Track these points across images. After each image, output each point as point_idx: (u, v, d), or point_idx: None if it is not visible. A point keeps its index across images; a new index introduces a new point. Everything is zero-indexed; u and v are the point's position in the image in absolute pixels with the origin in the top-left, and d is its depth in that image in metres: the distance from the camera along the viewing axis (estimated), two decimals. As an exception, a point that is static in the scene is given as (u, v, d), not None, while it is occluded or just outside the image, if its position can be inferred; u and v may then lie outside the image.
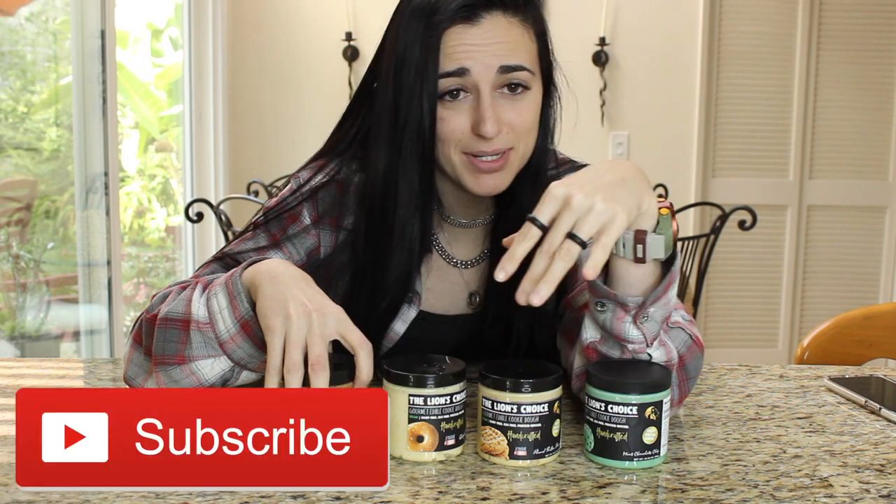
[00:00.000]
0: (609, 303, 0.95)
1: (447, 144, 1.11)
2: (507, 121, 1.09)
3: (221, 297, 0.97)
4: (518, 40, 1.09)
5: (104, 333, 3.24)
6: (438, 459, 0.91)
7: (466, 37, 1.07)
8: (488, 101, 1.07)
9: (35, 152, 3.22)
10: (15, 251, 3.17)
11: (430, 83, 1.07)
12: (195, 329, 0.97)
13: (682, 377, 1.00)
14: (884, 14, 4.13)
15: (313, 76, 4.24)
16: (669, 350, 0.97)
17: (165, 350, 0.99)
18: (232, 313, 0.96)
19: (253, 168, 4.18)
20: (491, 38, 1.07)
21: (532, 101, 1.11)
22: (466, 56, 1.07)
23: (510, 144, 1.11)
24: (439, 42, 1.07)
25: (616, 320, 0.95)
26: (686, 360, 0.99)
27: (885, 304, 1.78)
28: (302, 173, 1.22)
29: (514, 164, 1.12)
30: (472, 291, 1.23)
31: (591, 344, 0.99)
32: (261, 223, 1.18)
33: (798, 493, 0.84)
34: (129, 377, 1.06)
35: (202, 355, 0.97)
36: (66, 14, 3.25)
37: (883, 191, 4.23)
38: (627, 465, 0.89)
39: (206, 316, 0.97)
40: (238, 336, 0.96)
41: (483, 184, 1.12)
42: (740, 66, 4.15)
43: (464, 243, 1.23)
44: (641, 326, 0.95)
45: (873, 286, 4.28)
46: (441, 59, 1.07)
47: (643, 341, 0.95)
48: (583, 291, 1.10)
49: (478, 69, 1.07)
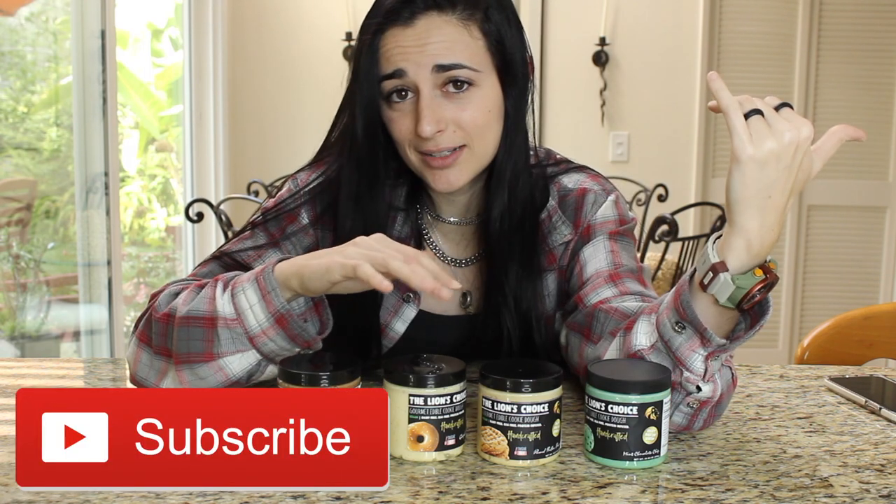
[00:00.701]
0: (690, 329, 0.93)
1: (402, 145, 1.13)
2: (450, 119, 1.09)
3: (251, 293, 0.98)
4: (455, 38, 1.09)
5: (104, 333, 3.24)
6: (438, 459, 0.91)
7: (401, 38, 1.08)
8: (426, 101, 1.08)
9: (35, 152, 3.22)
10: (15, 251, 3.17)
11: (371, 86, 1.10)
12: (223, 326, 0.98)
13: (711, 414, 0.99)
14: (884, 14, 4.13)
15: (313, 76, 4.24)
16: (716, 387, 0.96)
17: (191, 348, 1.00)
18: (265, 308, 0.97)
19: (253, 168, 4.18)
20: (424, 38, 1.08)
21: (481, 97, 1.10)
22: (402, 58, 1.08)
23: (460, 142, 1.11)
24: (378, 45, 1.09)
25: (687, 348, 0.94)
26: (723, 399, 0.99)
27: (885, 304, 1.78)
28: (300, 174, 1.23)
29: (470, 161, 1.12)
30: (464, 292, 1.23)
31: (640, 351, 0.97)
32: (259, 223, 1.19)
33: (798, 493, 0.84)
34: (140, 378, 1.07)
35: (230, 351, 0.99)
36: (66, 14, 3.25)
37: (883, 191, 4.23)
38: (627, 465, 0.89)
39: (232, 312, 0.98)
40: (271, 329, 0.97)
41: (438, 181, 1.12)
42: (740, 66, 4.15)
43: (456, 242, 1.24)
44: (708, 363, 0.94)
45: (873, 286, 4.28)
46: (381, 62, 1.09)
47: (701, 375, 0.95)
48: (595, 289, 1.10)
49: (413, 70, 1.08)
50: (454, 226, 1.23)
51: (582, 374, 1.09)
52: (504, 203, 1.15)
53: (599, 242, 1.16)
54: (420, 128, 1.08)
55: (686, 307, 0.93)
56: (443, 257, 1.23)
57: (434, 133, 1.08)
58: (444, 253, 1.23)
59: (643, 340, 0.98)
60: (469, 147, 1.11)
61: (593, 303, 1.10)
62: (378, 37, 1.09)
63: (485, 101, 1.11)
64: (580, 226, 1.19)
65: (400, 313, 1.19)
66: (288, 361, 0.93)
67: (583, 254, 1.17)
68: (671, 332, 0.95)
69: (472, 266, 1.23)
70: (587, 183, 1.22)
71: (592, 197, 1.21)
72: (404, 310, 1.19)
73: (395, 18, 1.08)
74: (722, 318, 0.93)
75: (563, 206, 1.21)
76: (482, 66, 1.10)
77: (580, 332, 1.11)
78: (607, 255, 1.14)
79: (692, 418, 0.98)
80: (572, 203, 1.21)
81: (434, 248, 1.23)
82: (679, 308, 0.94)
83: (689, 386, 0.95)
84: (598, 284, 1.11)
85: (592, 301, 1.10)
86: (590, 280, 1.13)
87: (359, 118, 1.12)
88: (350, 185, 1.15)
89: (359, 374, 0.92)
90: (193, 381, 1.01)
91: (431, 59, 1.08)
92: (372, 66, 1.10)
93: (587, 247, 1.17)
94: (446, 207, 1.22)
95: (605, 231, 1.18)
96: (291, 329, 0.97)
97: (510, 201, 1.15)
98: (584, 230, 1.19)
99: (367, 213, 1.15)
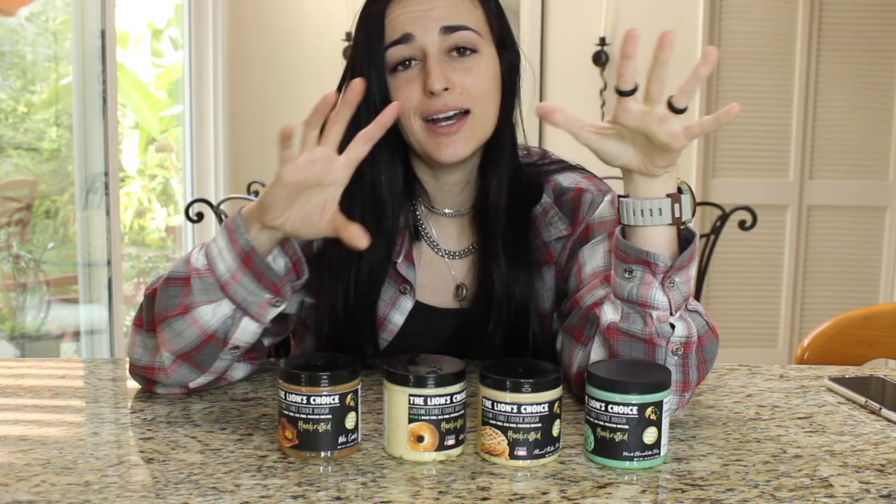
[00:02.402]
0: (637, 268, 0.97)
1: (406, 115, 1.14)
2: (457, 81, 1.13)
3: (220, 238, 1.01)
4: (458, 4, 1.14)
5: (104, 333, 3.24)
6: (438, 459, 0.91)
7: (408, 5, 1.13)
8: (435, 59, 1.12)
9: (35, 152, 3.22)
10: (15, 251, 3.17)
11: (378, 57, 1.13)
12: (195, 277, 1.01)
13: (700, 359, 1.01)
14: (884, 14, 4.13)
15: (313, 76, 4.24)
16: (690, 326, 0.98)
17: (168, 305, 1.02)
18: (231, 248, 0.99)
19: (253, 168, 4.18)
20: (431, 3, 1.13)
21: (484, 64, 1.15)
22: (409, 23, 1.12)
23: (465, 105, 1.13)
24: (383, 16, 1.14)
25: (643, 286, 0.97)
26: (704, 341, 1.00)
27: (885, 304, 1.78)
28: None
29: (473, 129, 1.14)
30: (458, 283, 1.23)
31: (612, 324, 1.00)
32: None
33: (798, 493, 0.84)
34: (134, 360, 1.09)
35: (203, 301, 1.01)
36: (66, 14, 3.26)
37: (883, 191, 4.23)
38: (627, 465, 0.89)
39: (205, 263, 1.01)
40: (239, 272, 0.99)
41: (444, 149, 1.14)
42: (740, 66, 4.15)
43: (451, 234, 1.25)
44: (668, 292, 0.97)
45: (873, 286, 4.28)
46: (386, 31, 1.13)
47: (668, 308, 0.97)
48: (591, 290, 1.11)
49: (420, 32, 1.12)
50: (449, 217, 1.24)
51: (573, 380, 1.10)
52: (498, 188, 1.18)
53: (599, 243, 1.16)
54: (430, 82, 1.10)
55: (624, 248, 0.97)
56: (438, 249, 1.24)
57: (442, 90, 1.11)
58: (440, 245, 1.24)
59: (611, 315, 1.00)
60: (472, 114, 1.14)
61: (588, 304, 1.10)
62: (385, 6, 1.14)
63: (488, 69, 1.15)
64: (578, 225, 1.20)
65: (398, 305, 1.20)
66: (288, 362, 0.93)
67: (581, 254, 1.17)
68: (625, 285, 0.98)
69: (466, 258, 1.24)
70: (583, 183, 1.23)
71: (590, 197, 1.21)
72: (401, 301, 1.20)
73: None
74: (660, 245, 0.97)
75: (559, 204, 1.22)
76: (483, 32, 1.15)
77: (571, 335, 1.11)
78: (605, 255, 1.15)
79: (684, 370, 0.99)
80: (569, 202, 1.21)
81: (430, 239, 1.24)
82: (619, 254, 0.98)
83: (663, 328, 0.97)
84: (593, 286, 1.12)
85: (588, 303, 1.10)
86: (586, 281, 1.14)
87: (373, 83, 1.12)
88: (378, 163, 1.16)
89: (359, 374, 0.92)
90: (172, 339, 1.03)
91: (437, 21, 1.12)
92: (379, 34, 1.13)
93: (586, 247, 1.17)
94: (441, 198, 1.23)
95: (603, 231, 1.18)
96: (256, 267, 0.99)
97: (505, 187, 1.18)
98: (582, 230, 1.19)
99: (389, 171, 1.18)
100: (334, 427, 0.90)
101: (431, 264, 1.24)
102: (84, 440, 0.97)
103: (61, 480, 0.85)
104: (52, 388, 1.16)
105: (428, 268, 1.24)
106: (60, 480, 0.85)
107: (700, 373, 1.02)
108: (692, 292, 1.00)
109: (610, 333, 1.00)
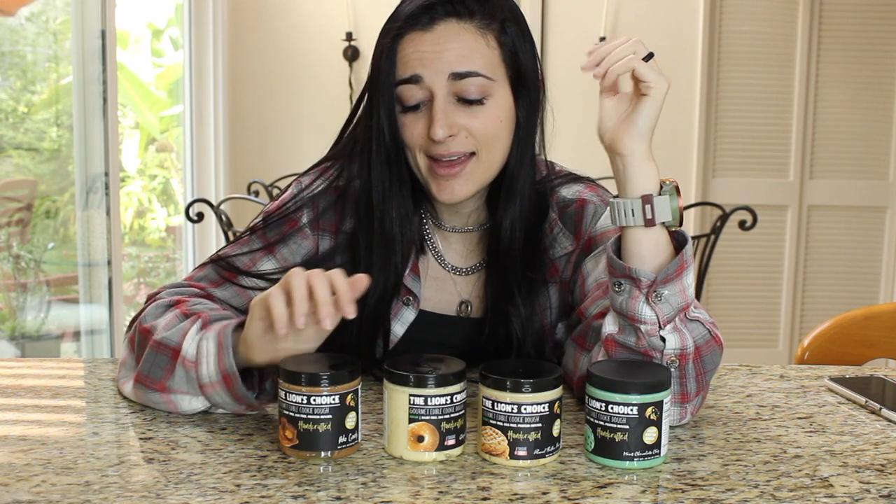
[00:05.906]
0: (625, 282, 0.97)
1: (412, 150, 1.14)
2: (463, 125, 1.11)
3: (212, 343, 1.01)
4: (472, 46, 1.10)
5: (104, 333, 3.24)
6: (439, 459, 0.91)
7: (420, 43, 1.10)
8: (440, 106, 1.09)
9: (35, 152, 3.22)
10: (15, 251, 3.17)
11: (388, 90, 1.11)
12: (181, 364, 1.02)
13: (698, 369, 0.99)
14: (884, 14, 4.13)
15: (313, 76, 4.24)
16: (684, 338, 0.97)
17: (151, 373, 1.04)
18: (217, 363, 1.00)
19: (253, 168, 4.18)
20: (442, 43, 1.09)
21: (494, 107, 1.12)
22: (419, 63, 1.10)
23: (469, 149, 1.12)
24: (396, 49, 1.11)
25: (630, 300, 0.97)
26: (703, 351, 0.99)
27: (885, 304, 1.78)
28: (304, 178, 1.23)
29: (476, 171, 1.13)
30: (463, 300, 1.23)
31: (609, 336, 1.00)
32: (259, 228, 1.20)
33: (798, 493, 0.84)
34: (118, 376, 1.12)
35: (182, 390, 1.03)
36: (66, 14, 3.26)
37: (883, 191, 4.23)
38: (628, 465, 0.89)
39: (193, 355, 1.01)
40: (218, 385, 1.00)
41: (443, 190, 1.13)
42: (740, 66, 4.15)
43: (458, 250, 1.24)
44: (654, 307, 0.96)
45: (873, 286, 4.28)
46: (398, 66, 1.11)
47: (655, 322, 0.96)
48: (595, 301, 1.11)
49: (429, 76, 1.09)
50: (456, 234, 1.24)
51: (575, 384, 1.10)
52: (515, 213, 1.16)
53: (601, 253, 1.16)
54: (433, 131, 1.09)
55: (611, 261, 0.98)
56: (444, 264, 1.23)
57: (446, 137, 1.09)
58: (446, 260, 1.24)
59: (610, 326, 1.01)
60: (477, 156, 1.12)
61: (593, 314, 1.10)
62: (397, 41, 1.11)
63: (497, 111, 1.12)
64: (581, 238, 1.20)
65: (399, 316, 1.20)
66: (288, 362, 0.93)
67: (585, 266, 1.17)
68: (616, 298, 0.99)
69: (472, 275, 1.24)
70: (586, 194, 1.22)
71: (592, 208, 1.21)
72: (403, 313, 1.20)
73: (414, 23, 1.10)
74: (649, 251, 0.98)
75: (563, 217, 1.21)
76: (496, 75, 1.12)
77: (576, 342, 1.12)
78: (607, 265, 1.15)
79: (682, 381, 0.99)
80: (572, 215, 1.21)
81: (437, 254, 1.23)
82: (609, 266, 0.99)
83: (653, 342, 0.97)
84: (597, 297, 1.12)
85: (592, 313, 1.11)
86: (590, 292, 1.14)
87: (384, 119, 1.12)
88: (381, 182, 1.15)
89: (359, 374, 0.92)
90: (146, 401, 1.06)
91: (448, 66, 1.09)
92: (390, 70, 1.11)
93: (589, 259, 1.17)
94: (447, 216, 1.23)
95: (606, 241, 1.18)
96: (236, 390, 1.00)
97: (520, 212, 1.16)
98: (585, 242, 1.19)
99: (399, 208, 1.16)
100: (334, 427, 0.90)
101: (437, 278, 1.24)
102: (84, 440, 0.97)
103: (61, 480, 0.85)
104: (52, 388, 1.16)
105: (434, 282, 1.23)
106: (61, 480, 0.85)
107: (700, 384, 1.00)
108: (690, 301, 0.98)
109: (608, 345, 1.01)
